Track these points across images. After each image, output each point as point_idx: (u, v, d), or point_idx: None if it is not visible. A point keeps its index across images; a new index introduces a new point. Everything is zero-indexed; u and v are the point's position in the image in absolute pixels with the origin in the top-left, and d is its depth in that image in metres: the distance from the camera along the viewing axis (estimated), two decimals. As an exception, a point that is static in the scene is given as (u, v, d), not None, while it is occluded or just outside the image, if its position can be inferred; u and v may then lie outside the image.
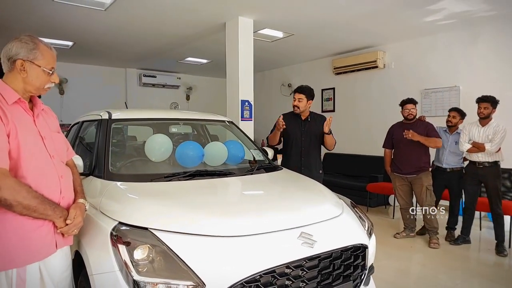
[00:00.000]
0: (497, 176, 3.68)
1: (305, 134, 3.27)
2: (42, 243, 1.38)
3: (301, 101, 3.26)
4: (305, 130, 3.28)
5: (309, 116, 3.36)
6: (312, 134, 3.27)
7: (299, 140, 3.28)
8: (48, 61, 1.44)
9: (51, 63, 1.45)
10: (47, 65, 1.43)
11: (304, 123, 3.33)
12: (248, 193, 2.18)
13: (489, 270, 3.35)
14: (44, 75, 1.43)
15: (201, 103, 9.51)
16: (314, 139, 3.28)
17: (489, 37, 4.91)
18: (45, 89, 1.48)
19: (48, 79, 1.46)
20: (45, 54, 1.43)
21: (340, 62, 6.71)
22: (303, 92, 3.28)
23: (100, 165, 2.11)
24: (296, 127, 3.30)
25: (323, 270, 1.66)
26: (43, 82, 1.45)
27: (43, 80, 1.44)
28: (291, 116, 3.37)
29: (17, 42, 1.39)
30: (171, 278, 1.39)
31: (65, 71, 7.64)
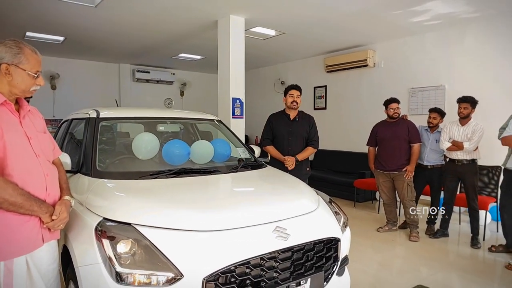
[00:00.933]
0: (475, 173, 3.83)
1: (292, 134, 3.42)
2: (28, 237, 1.47)
3: (298, 97, 3.46)
4: (292, 130, 3.42)
5: (297, 116, 3.49)
6: (299, 134, 3.41)
7: (286, 140, 3.42)
8: (33, 65, 1.51)
9: (36, 67, 1.53)
10: (31, 68, 1.51)
11: (292, 123, 3.47)
12: (229, 190, 2.30)
13: (464, 261, 3.50)
14: (29, 79, 1.51)
15: (196, 99, 9.56)
16: (300, 139, 3.43)
17: (473, 38, 5.03)
18: (31, 92, 1.56)
19: (33, 82, 1.53)
20: (29, 58, 1.50)
21: (332, 60, 6.81)
22: (299, 88, 3.49)
23: (88, 163, 2.20)
24: (283, 127, 3.44)
25: (296, 261, 1.78)
26: (28, 85, 1.52)
27: (28, 83, 1.52)
28: (280, 116, 3.54)
29: (2, 46, 1.45)
30: (152, 270, 1.50)
31: (57, 66, 7.67)
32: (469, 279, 3.09)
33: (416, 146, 4.02)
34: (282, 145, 3.44)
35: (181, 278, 1.48)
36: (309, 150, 3.47)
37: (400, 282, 3.00)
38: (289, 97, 3.45)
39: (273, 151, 3.48)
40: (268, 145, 3.52)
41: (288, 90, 3.48)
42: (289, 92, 3.46)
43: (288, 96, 3.46)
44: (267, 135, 3.56)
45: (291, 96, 3.43)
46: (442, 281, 3.03)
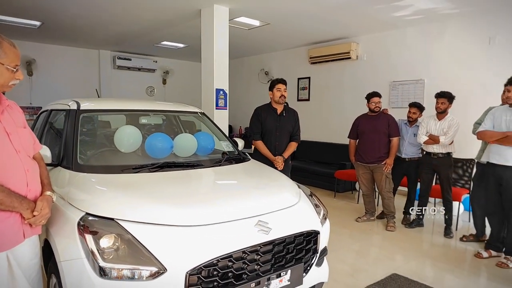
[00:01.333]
0: (449, 166, 4.00)
1: (280, 129, 3.49)
2: (9, 233, 1.46)
3: (286, 91, 3.50)
4: (279, 125, 3.48)
5: (284, 111, 3.54)
6: (285, 129, 3.49)
7: (274, 134, 3.49)
8: (12, 59, 1.48)
9: (15, 61, 1.49)
10: (10, 63, 1.47)
11: (279, 117, 3.52)
12: (212, 184, 2.33)
13: (437, 250, 3.68)
14: (8, 73, 1.48)
15: (178, 87, 9.44)
16: (286, 134, 3.52)
17: (452, 34, 5.17)
18: (10, 86, 1.53)
19: (12, 76, 1.50)
20: (8, 52, 1.46)
21: (315, 52, 6.85)
22: (285, 82, 3.53)
23: (68, 156, 2.17)
24: (271, 122, 3.49)
25: (277, 253, 1.84)
26: (7, 80, 1.49)
27: (7, 78, 1.49)
28: (267, 110, 3.56)
29: None
30: (135, 264, 1.52)
31: (33, 51, 7.39)
32: (440, 267, 3.25)
33: (395, 140, 4.14)
34: (270, 140, 3.49)
35: (164, 272, 1.51)
36: (292, 146, 3.56)
37: (376, 270, 3.13)
38: (276, 91, 3.44)
39: (263, 148, 3.49)
40: (258, 140, 3.52)
41: (275, 84, 3.46)
42: (276, 86, 3.45)
43: (276, 90, 3.45)
44: (257, 128, 3.53)
45: (278, 90, 3.43)
46: (416, 269, 3.17)
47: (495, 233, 3.43)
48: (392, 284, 2.87)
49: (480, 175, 3.64)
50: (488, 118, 3.32)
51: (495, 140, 3.18)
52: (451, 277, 3.09)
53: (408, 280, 2.93)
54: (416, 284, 2.87)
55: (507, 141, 3.09)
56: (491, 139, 3.22)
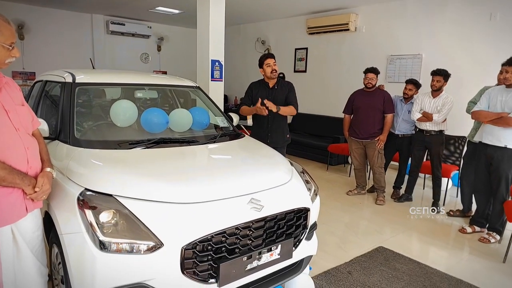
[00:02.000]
0: (441, 144, 4.08)
1: (272, 102, 3.38)
2: (12, 208, 1.52)
3: (275, 65, 3.43)
4: (271, 98, 3.42)
5: (276, 84, 3.50)
6: (278, 102, 3.42)
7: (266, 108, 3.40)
8: (7, 37, 1.47)
9: (10, 38, 1.48)
10: (6, 40, 1.47)
11: (272, 91, 3.49)
12: (206, 162, 2.38)
13: (424, 224, 3.84)
14: (3, 50, 1.47)
15: (173, 54, 9.26)
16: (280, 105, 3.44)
17: (454, 8, 5.07)
18: (6, 64, 1.52)
19: (8, 54, 1.50)
20: (3, 30, 1.45)
21: (314, 22, 6.70)
22: (273, 56, 3.47)
23: (66, 130, 2.19)
24: (264, 96, 3.44)
25: (269, 229, 1.94)
26: (3, 57, 1.49)
27: (3, 55, 1.48)
28: (260, 85, 3.55)
29: None
30: (133, 239, 1.60)
31: (24, 13, 7.16)
32: (425, 241, 3.42)
33: (389, 117, 4.18)
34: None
35: (161, 246, 1.60)
36: (291, 107, 3.41)
37: (364, 242, 3.29)
38: (266, 67, 3.40)
39: (247, 109, 3.50)
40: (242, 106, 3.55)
41: (264, 60, 3.42)
42: (265, 62, 3.40)
43: (266, 66, 3.40)
44: (245, 101, 3.58)
45: (268, 66, 3.39)
46: (402, 243, 3.33)
47: (481, 210, 3.57)
48: (378, 256, 3.03)
49: (470, 154, 3.73)
50: (484, 98, 3.32)
51: (489, 121, 3.20)
52: (435, 250, 3.25)
53: (394, 252, 3.10)
54: (400, 256, 3.04)
55: (501, 122, 3.11)
56: (485, 120, 3.24)
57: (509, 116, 3.06)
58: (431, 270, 2.84)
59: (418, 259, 3.01)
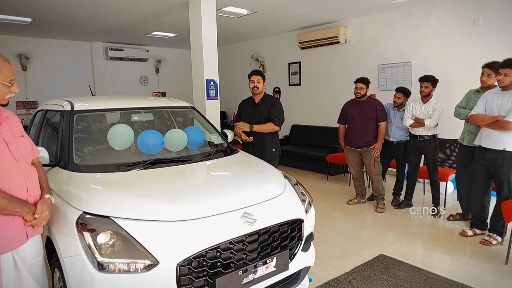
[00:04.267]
0: (435, 148, 4.13)
1: (256, 117, 3.60)
2: (13, 235, 1.59)
3: (259, 82, 3.58)
4: (256, 113, 3.60)
5: (261, 100, 3.65)
6: (262, 116, 3.58)
7: (250, 122, 3.58)
8: (7, 75, 1.58)
9: (10, 76, 1.59)
10: (5, 78, 1.58)
11: (256, 106, 3.64)
12: (200, 179, 2.45)
13: (425, 230, 3.84)
14: (3, 88, 1.58)
15: (171, 75, 9.48)
16: (263, 121, 3.57)
17: (438, 15, 5.21)
18: (6, 99, 1.63)
19: (8, 91, 1.61)
20: (3, 68, 1.56)
21: (305, 37, 6.87)
22: (260, 74, 3.63)
23: (65, 157, 2.29)
24: (248, 111, 3.65)
25: (263, 242, 1.99)
26: (3, 94, 1.60)
27: (3, 92, 1.59)
28: (247, 101, 3.76)
29: None
30: (130, 258, 1.66)
31: (26, 46, 7.42)
32: (426, 247, 3.42)
33: (382, 125, 4.25)
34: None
35: (157, 264, 1.66)
36: (269, 125, 3.50)
37: (364, 251, 3.30)
38: (250, 83, 3.60)
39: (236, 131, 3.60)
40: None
41: (249, 76, 3.63)
42: (250, 78, 3.61)
43: (250, 82, 3.60)
44: (237, 119, 3.77)
45: (252, 82, 3.58)
46: (402, 249, 3.33)
47: (476, 213, 3.58)
48: (379, 265, 3.04)
49: (463, 157, 3.77)
50: (480, 101, 3.33)
51: (486, 124, 3.20)
52: (436, 255, 3.25)
53: (394, 260, 3.11)
54: (400, 263, 3.05)
55: (497, 126, 3.11)
56: (482, 123, 3.24)
57: (504, 120, 3.06)
58: (432, 275, 2.85)
59: (419, 265, 3.01)
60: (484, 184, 3.44)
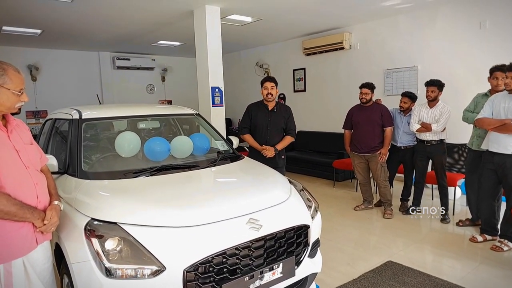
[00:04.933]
0: (443, 153, 4.09)
1: (271, 124, 3.59)
2: (23, 241, 1.62)
3: (273, 88, 3.58)
4: (271, 120, 3.58)
5: (275, 107, 3.63)
6: (277, 124, 3.59)
7: (265, 130, 3.60)
8: (17, 84, 1.62)
9: (20, 85, 1.63)
10: (16, 87, 1.61)
11: (271, 113, 3.62)
12: (206, 185, 2.47)
13: (434, 236, 3.79)
14: (14, 97, 1.62)
15: (177, 83, 9.58)
16: (279, 129, 3.62)
17: (443, 19, 5.20)
18: (16, 108, 1.67)
19: (17, 100, 1.65)
20: (13, 78, 1.60)
21: (309, 43, 6.90)
22: (274, 80, 3.63)
23: (73, 164, 2.33)
24: (263, 118, 3.61)
25: (269, 248, 1.99)
26: (13, 103, 1.64)
27: (13, 101, 1.63)
28: (259, 107, 3.69)
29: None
30: (137, 264, 1.68)
31: (36, 57, 7.59)
32: (435, 253, 3.37)
33: (388, 130, 4.24)
34: (261, 135, 3.60)
35: (164, 270, 1.67)
36: (287, 139, 3.64)
37: (372, 258, 3.26)
38: (264, 90, 3.58)
39: (251, 140, 3.64)
40: (246, 133, 3.68)
41: (263, 82, 3.61)
42: (263, 85, 3.59)
43: (263, 89, 3.59)
44: (245, 124, 3.71)
45: (265, 88, 3.57)
46: (411, 256, 3.29)
47: (485, 219, 3.53)
48: (387, 271, 3.00)
49: (472, 161, 3.73)
50: (487, 105, 3.29)
51: (493, 128, 3.15)
52: (445, 262, 3.21)
53: (403, 266, 3.06)
54: (409, 270, 3.00)
55: (505, 129, 3.05)
56: (489, 127, 3.19)
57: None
58: (442, 282, 2.80)
59: (428, 271, 2.96)
60: (493, 189, 3.39)
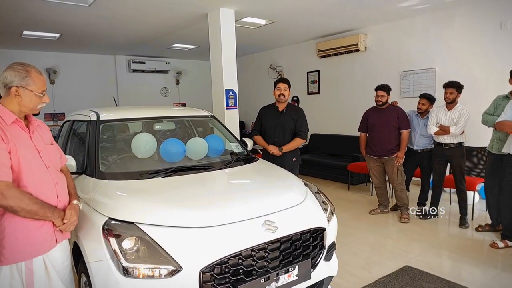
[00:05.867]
0: (462, 156, 3.99)
1: (279, 126, 3.57)
2: (44, 239, 1.65)
3: (286, 90, 3.56)
4: (279, 122, 3.56)
5: (285, 108, 3.60)
6: (286, 126, 3.55)
7: (273, 131, 3.58)
8: (39, 86, 1.66)
9: (42, 87, 1.68)
10: (38, 89, 1.66)
11: (280, 115, 3.60)
12: (222, 186, 2.47)
13: (452, 241, 3.69)
14: (36, 98, 1.66)
15: (191, 86, 9.67)
16: (288, 131, 3.57)
17: (462, 20, 5.09)
18: (38, 109, 1.72)
19: (39, 101, 1.69)
20: (36, 80, 1.65)
21: (324, 45, 6.86)
22: (287, 82, 3.60)
23: (91, 165, 2.37)
24: (271, 119, 3.60)
25: (285, 250, 1.97)
26: (35, 104, 1.68)
27: (35, 102, 1.67)
28: (269, 109, 3.70)
29: (11, 71, 1.61)
30: (154, 264, 1.69)
31: (54, 60, 7.78)
32: (454, 258, 3.29)
33: (405, 133, 4.16)
34: (270, 137, 3.60)
35: (180, 270, 1.67)
36: (296, 141, 3.57)
37: (389, 262, 3.20)
38: (276, 90, 3.57)
39: (259, 140, 3.65)
40: (255, 135, 3.71)
41: (276, 83, 3.60)
42: (276, 85, 3.58)
43: (276, 89, 3.58)
44: (256, 126, 3.77)
45: (278, 89, 3.55)
46: (429, 261, 3.21)
47: (506, 224, 3.42)
48: (404, 276, 2.94)
49: (492, 165, 3.63)
50: (508, 108, 3.21)
51: None
52: (465, 268, 3.12)
53: (420, 272, 2.99)
54: (428, 275, 2.93)
55: None
56: (510, 130, 3.12)
57: None
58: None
59: (447, 277, 2.89)
60: (516, 192, 3.29)
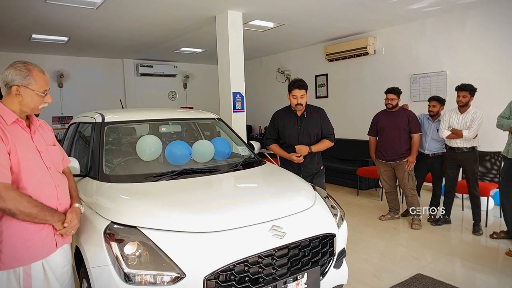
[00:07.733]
0: (475, 161, 3.87)
1: (302, 132, 3.10)
2: (43, 243, 1.59)
3: (303, 97, 3.03)
4: (301, 127, 3.10)
5: (305, 112, 3.13)
6: (311, 131, 3.10)
7: (296, 139, 3.10)
8: (41, 85, 1.61)
9: (44, 87, 1.62)
10: (40, 88, 1.61)
11: (301, 120, 3.12)
12: (227, 190, 2.40)
13: (466, 248, 3.57)
14: (37, 98, 1.61)
15: (199, 90, 9.65)
16: (312, 136, 3.13)
17: (473, 23, 4.98)
18: (40, 109, 1.66)
19: (41, 101, 1.63)
20: (37, 79, 1.60)
21: (332, 48, 6.79)
22: (304, 86, 3.04)
23: (95, 167, 2.32)
24: (291, 125, 3.12)
25: (293, 257, 1.89)
26: (37, 104, 1.63)
27: (37, 102, 1.62)
28: (286, 113, 3.19)
29: (12, 69, 1.56)
30: (157, 270, 1.62)
31: (63, 64, 7.82)
32: (469, 267, 3.17)
33: (416, 137, 4.06)
34: (292, 146, 3.10)
35: (184, 277, 1.60)
36: (325, 142, 3.14)
37: (400, 270, 3.09)
38: (292, 98, 3.03)
39: (277, 149, 3.22)
40: (270, 144, 3.26)
41: (291, 89, 3.04)
42: (291, 92, 3.03)
43: (292, 97, 3.04)
44: (270, 135, 3.28)
45: (294, 97, 3.01)
46: (442, 269, 3.10)
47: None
48: (417, 285, 2.83)
49: (507, 170, 3.50)
50: None
51: None
52: (479, 276, 3.00)
53: (433, 280, 2.88)
54: (441, 284, 2.82)
55: None
56: None
57: None
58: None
59: (461, 286, 2.77)
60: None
